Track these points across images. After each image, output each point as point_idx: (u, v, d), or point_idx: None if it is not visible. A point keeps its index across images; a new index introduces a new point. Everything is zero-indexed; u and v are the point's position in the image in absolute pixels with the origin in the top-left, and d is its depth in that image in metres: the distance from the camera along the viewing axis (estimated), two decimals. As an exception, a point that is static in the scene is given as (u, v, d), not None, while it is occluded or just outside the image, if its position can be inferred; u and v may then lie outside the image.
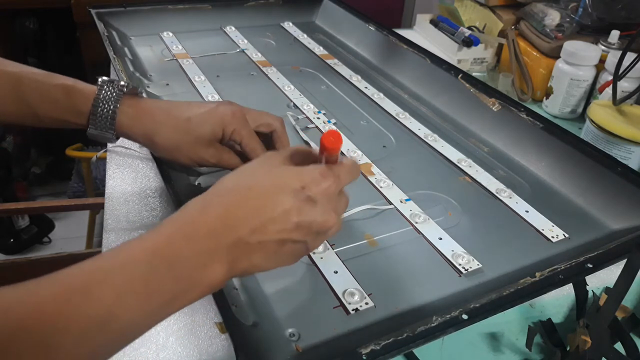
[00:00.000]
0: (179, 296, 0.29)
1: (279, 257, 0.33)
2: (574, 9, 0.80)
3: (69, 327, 0.24)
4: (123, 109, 0.44)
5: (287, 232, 0.32)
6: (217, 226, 0.30)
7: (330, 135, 0.34)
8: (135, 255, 0.28)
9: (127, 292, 0.26)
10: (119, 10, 0.80)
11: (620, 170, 0.50)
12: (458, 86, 0.66)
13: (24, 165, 1.71)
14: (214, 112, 0.45)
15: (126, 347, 0.36)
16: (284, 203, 0.32)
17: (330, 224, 0.33)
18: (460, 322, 0.34)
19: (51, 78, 0.44)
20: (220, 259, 0.30)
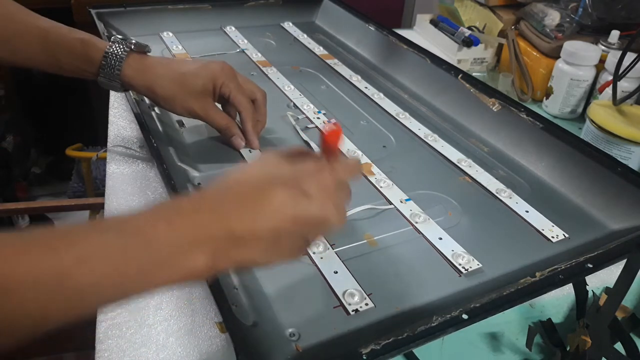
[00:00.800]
0: (154, 275, 0.28)
1: (277, 251, 0.32)
2: (574, 9, 0.80)
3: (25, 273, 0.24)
4: (129, 62, 0.50)
5: (281, 225, 0.31)
6: (203, 215, 0.30)
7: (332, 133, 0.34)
8: (110, 225, 0.28)
9: (92, 257, 0.26)
10: (119, 10, 0.80)
11: (620, 170, 0.50)
12: (458, 86, 0.66)
13: (24, 165, 1.71)
14: (205, 67, 0.51)
15: (126, 347, 0.37)
16: (276, 195, 0.31)
17: (328, 216, 0.32)
18: (460, 322, 0.34)
19: (73, 32, 0.50)
20: (203, 248, 0.29)
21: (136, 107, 0.57)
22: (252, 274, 0.40)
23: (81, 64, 0.50)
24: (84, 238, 0.26)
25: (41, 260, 0.24)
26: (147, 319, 0.39)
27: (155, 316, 0.39)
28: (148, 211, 0.29)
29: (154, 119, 0.59)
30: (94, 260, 0.26)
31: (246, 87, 0.53)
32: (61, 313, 0.26)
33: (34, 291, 0.24)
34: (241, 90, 0.52)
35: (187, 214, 0.29)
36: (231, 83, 0.51)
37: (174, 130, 0.59)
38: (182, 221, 0.29)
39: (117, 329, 0.38)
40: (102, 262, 0.26)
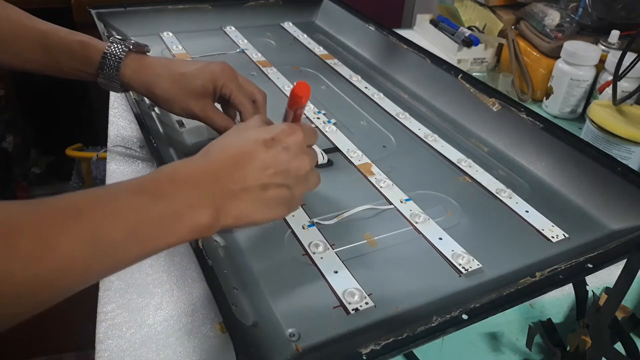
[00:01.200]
0: (167, 230, 0.31)
1: (267, 204, 0.36)
2: (574, 9, 0.80)
3: (62, 233, 0.27)
4: (127, 62, 0.50)
5: (266, 177, 0.36)
6: (200, 176, 0.34)
7: (301, 85, 0.39)
8: (124, 187, 0.31)
9: (115, 215, 0.29)
10: (119, 10, 0.80)
11: (620, 170, 0.50)
12: (458, 86, 0.66)
13: (24, 165, 1.71)
14: (205, 68, 0.51)
15: (126, 347, 0.37)
16: (258, 153, 0.36)
17: (305, 165, 0.38)
18: (460, 322, 0.34)
19: (72, 35, 0.50)
20: (206, 203, 0.33)
21: (136, 107, 0.57)
22: (252, 274, 0.40)
23: (81, 66, 0.50)
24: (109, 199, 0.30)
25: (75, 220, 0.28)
26: (147, 319, 0.39)
27: (155, 316, 0.39)
28: (152, 174, 0.33)
29: (154, 119, 0.59)
30: (120, 218, 0.29)
31: (247, 87, 0.53)
32: (101, 265, 0.29)
33: (76, 244, 0.27)
34: (242, 91, 0.52)
35: (186, 176, 0.34)
36: (232, 84, 0.51)
37: (174, 130, 0.59)
38: (183, 181, 0.33)
39: (117, 329, 0.38)
40: (127, 219, 0.30)
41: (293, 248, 0.43)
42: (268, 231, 0.45)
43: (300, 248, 0.43)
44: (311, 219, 0.46)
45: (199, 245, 0.38)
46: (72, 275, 0.28)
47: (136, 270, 0.43)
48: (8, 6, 0.50)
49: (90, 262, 0.28)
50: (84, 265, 0.28)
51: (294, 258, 0.42)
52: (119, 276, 0.42)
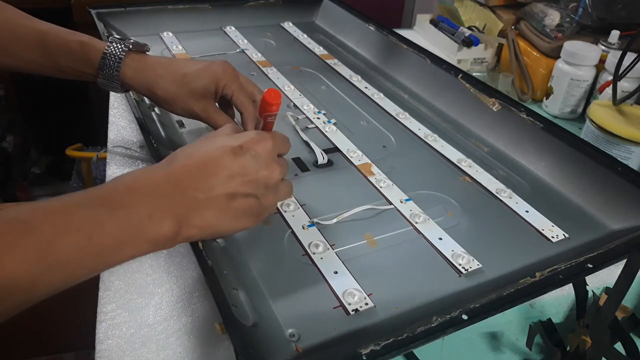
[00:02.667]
0: (124, 243, 0.30)
1: (234, 215, 0.35)
2: (574, 9, 0.80)
3: (7, 251, 0.26)
4: (127, 62, 0.49)
5: (234, 186, 0.34)
6: (161, 184, 0.33)
7: (272, 92, 0.39)
8: (78, 200, 0.30)
9: (66, 230, 0.28)
10: (119, 10, 0.80)
11: (620, 170, 0.50)
12: (458, 86, 0.66)
13: (24, 165, 1.71)
14: (207, 68, 0.50)
15: (126, 347, 0.37)
16: (226, 161, 0.35)
17: (275, 175, 0.37)
18: (460, 322, 0.34)
19: (71, 35, 0.50)
20: (166, 213, 0.32)
21: (136, 107, 0.57)
22: (252, 274, 0.40)
23: (80, 66, 0.50)
24: (60, 212, 0.29)
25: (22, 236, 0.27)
26: (147, 319, 0.39)
27: (155, 316, 0.39)
28: (110, 184, 0.32)
29: (154, 120, 0.59)
30: (72, 232, 0.28)
31: (248, 88, 0.52)
32: (47, 281, 0.28)
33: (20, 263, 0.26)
34: (243, 91, 0.51)
35: (146, 185, 0.32)
36: (233, 84, 0.51)
37: (174, 131, 0.59)
38: (142, 191, 0.32)
39: (117, 329, 0.38)
40: (80, 233, 0.28)
41: (293, 248, 0.43)
42: (268, 231, 0.45)
43: (300, 248, 0.43)
44: (311, 219, 0.46)
45: (199, 245, 0.38)
46: (17, 294, 0.27)
47: (136, 270, 0.43)
48: (7, 7, 0.49)
49: (37, 280, 0.27)
50: (30, 283, 0.27)
51: (294, 258, 0.42)
52: (119, 276, 0.42)
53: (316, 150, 0.56)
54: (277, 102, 0.39)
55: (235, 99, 0.51)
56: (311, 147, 0.57)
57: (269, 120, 0.41)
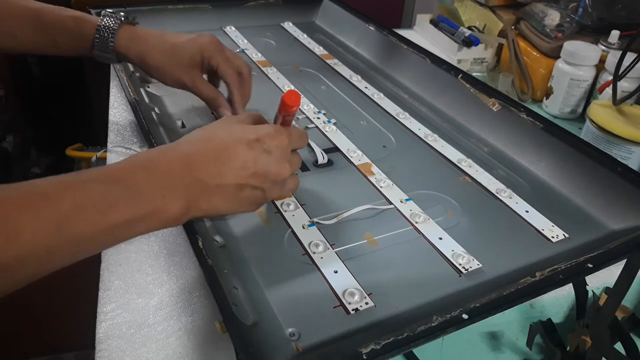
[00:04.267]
0: (136, 220, 0.31)
1: (238, 202, 0.37)
2: (574, 9, 0.80)
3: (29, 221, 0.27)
4: (121, 33, 0.52)
5: (244, 178, 0.36)
6: (175, 166, 0.34)
7: (292, 94, 0.39)
8: (96, 176, 0.31)
9: (84, 205, 0.29)
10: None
11: (620, 170, 0.50)
12: (458, 86, 0.66)
13: (24, 165, 1.71)
14: (194, 40, 0.53)
15: (126, 347, 0.37)
16: (240, 152, 0.36)
17: (285, 173, 0.38)
18: (460, 322, 0.34)
19: (65, 11, 0.52)
20: (178, 195, 0.33)
21: (136, 107, 0.57)
22: (252, 274, 0.40)
23: (76, 41, 0.52)
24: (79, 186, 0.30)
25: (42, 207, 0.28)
26: (147, 319, 0.39)
27: (155, 316, 0.39)
28: (126, 162, 0.33)
29: (154, 120, 0.59)
30: (88, 208, 0.29)
31: (233, 60, 0.55)
32: (63, 254, 0.29)
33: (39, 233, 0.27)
34: (228, 63, 0.54)
35: (161, 165, 0.33)
36: (219, 56, 0.53)
37: (174, 131, 0.59)
38: (157, 171, 0.33)
39: (117, 329, 0.38)
40: (95, 209, 0.29)
41: (293, 248, 0.43)
42: (268, 231, 0.45)
43: (300, 248, 0.43)
44: (311, 218, 0.46)
45: (199, 245, 0.38)
46: (32, 264, 0.28)
47: (136, 270, 0.43)
48: None
49: (53, 251, 0.28)
50: (46, 254, 0.28)
51: (294, 258, 0.42)
52: (119, 276, 0.42)
53: (316, 150, 0.56)
54: (297, 104, 0.40)
55: (221, 70, 0.53)
56: (311, 147, 0.57)
57: (287, 118, 0.42)
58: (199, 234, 0.40)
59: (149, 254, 0.45)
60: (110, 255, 0.44)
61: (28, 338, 1.10)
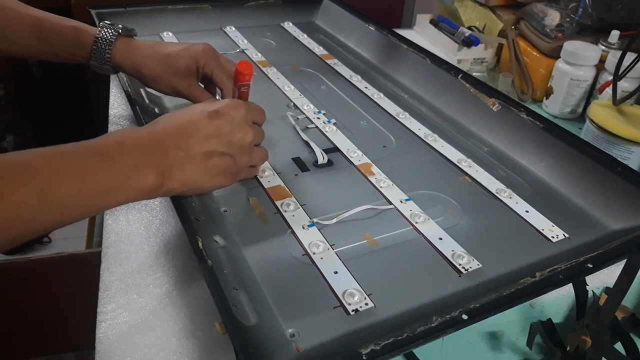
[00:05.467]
0: (113, 189, 0.34)
1: (210, 171, 0.39)
2: (574, 9, 0.80)
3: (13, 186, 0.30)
4: (117, 45, 0.54)
5: (210, 145, 0.39)
6: (145, 141, 0.36)
7: (244, 64, 0.43)
8: (73, 148, 0.34)
9: (63, 172, 0.32)
10: (119, 10, 0.80)
11: (620, 170, 0.50)
12: (458, 86, 0.66)
13: (24, 165, 1.71)
14: (189, 49, 0.55)
15: (126, 347, 0.37)
16: (202, 123, 0.39)
17: (248, 137, 0.41)
18: (460, 322, 0.34)
19: (64, 21, 0.54)
20: (149, 166, 0.36)
21: (136, 108, 0.57)
22: (252, 274, 0.40)
23: (74, 50, 0.54)
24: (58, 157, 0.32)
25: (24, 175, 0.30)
26: (147, 319, 0.39)
27: (155, 316, 0.39)
28: (100, 138, 0.36)
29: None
30: (67, 175, 0.32)
31: (227, 67, 0.56)
32: (50, 217, 0.31)
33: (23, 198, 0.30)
34: (223, 70, 0.55)
35: (132, 140, 0.36)
36: (213, 63, 0.54)
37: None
38: (128, 145, 0.35)
39: (117, 329, 0.38)
40: (75, 176, 0.32)
41: (293, 248, 0.43)
42: (268, 231, 0.45)
43: (300, 248, 0.43)
44: (311, 218, 0.46)
45: (199, 245, 0.38)
46: (21, 224, 0.30)
47: (136, 271, 0.43)
48: None
49: (39, 214, 0.31)
50: (32, 215, 0.30)
51: (294, 258, 0.42)
52: (119, 276, 0.42)
53: (316, 150, 0.56)
54: (249, 72, 0.43)
55: (215, 77, 0.54)
56: (311, 147, 0.57)
57: (243, 90, 0.45)
58: (199, 234, 0.40)
59: (149, 254, 0.45)
60: (110, 255, 0.44)
61: (28, 338, 1.10)
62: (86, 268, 0.98)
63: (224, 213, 0.47)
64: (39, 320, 1.07)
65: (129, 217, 0.49)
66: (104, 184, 0.33)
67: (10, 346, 1.12)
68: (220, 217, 0.46)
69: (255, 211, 0.47)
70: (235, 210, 0.47)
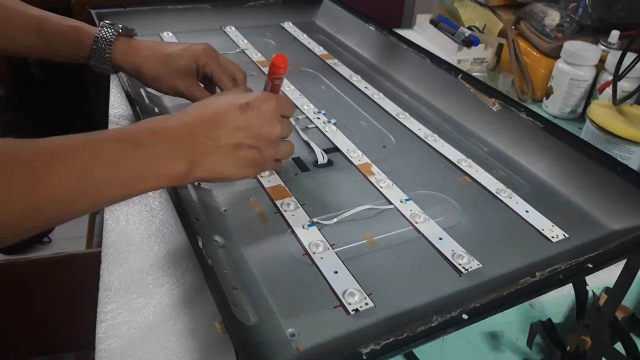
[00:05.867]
0: (146, 175, 0.35)
1: (237, 161, 0.40)
2: (574, 9, 0.80)
3: (53, 167, 0.31)
4: (117, 45, 0.54)
5: (239, 138, 0.39)
6: (178, 130, 0.37)
7: (280, 57, 0.43)
8: (109, 135, 0.35)
9: (100, 157, 0.33)
10: (119, 10, 0.81)
11: (620, 170, 0.50)
12: (458, 86, 0.66)
13: (24, 165, 1.71)
14: (189, 49, 0.55)
15: (126, 347, 0.37)
16: (234, 115, 0.39)
17: (276, 131, 0.41)
18: (461, 322, 0.34)
19: (65, 20, 0.54)
20: (181, 154, 0.36)
21: (136, 108, 0.57)
22: (252, 274, 0.40)
23: (74, 50, 0.54)
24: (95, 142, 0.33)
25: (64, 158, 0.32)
26: (148, 319, 0.39)
27: (155, 316, 0.39)
28: (134, 126, 0.37)
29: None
30: (104, 160, 0.33)
31: (227, 67, 0.56)
32: (85, 200, 0.32)
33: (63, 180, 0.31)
34: (223, 69, 0.55)
35: (165, 129, 0.37)
36: (213, 63, 0.54)
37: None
38: (161, 133, 0.36)
39: (117, 329, 0.38)
40: (110, 161, 0.33)
41: (293, 248, 0.43)
42: (268, 231, 0.45)
43: (300, 248, 0.43)
44: (311, 218, 0.46)
45: (199, 244, 0.38)
46: (59, 205, 0.31)
47: (136, 271, 0.43)
48: None
49: (76, 196, 0.32)
50: (70, 197, 0.31)
51: (294, 258, 0.42)
52: (119, 276, 0.42)
53: (316, 150, 0.56)
54: (284, 65, 0.43)
55: (215, 76, 0.55)
56: (311, 147, 0.57)
57: (276, 82, 0.46)
58: (199, 234, 0.40)
59: (149, 254, 0.45)
60: (110, 255, 0.44)
61: (28, 338, 1.10)
62: (86, 268, 0.98)
63: (224, 213, 0.47)
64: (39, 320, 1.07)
65: (129, 217, 0.49)
66: (137, 171, 0.34)
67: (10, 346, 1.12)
68: (220, 217, 0.46)
69: (255, 211, 0.47)
70: (235, 210, 0.47)
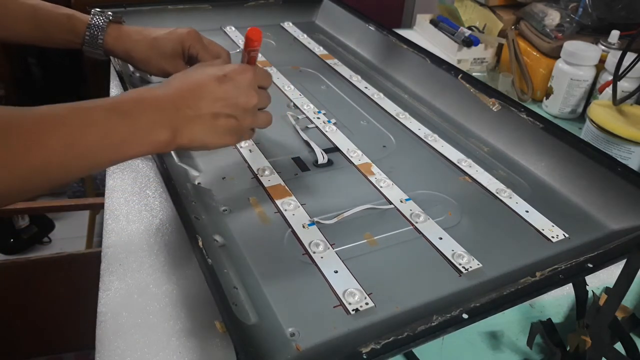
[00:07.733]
0: (132, 143, 0.37)
1: (216, 130, 0.42)
2: (574, 9, 0.80)
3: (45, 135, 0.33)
4: (108, 31, 0.58)
5: (218, 107, 0.41)
6: (161, 100, 0.39)
7: (254, 30, 0.46)
8: (98, 104, 0.37)
9: (89, 125, 0.35)
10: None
11: (620, 170, 0.50)
12: (458, 86, 0.66)
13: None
14: (174, 32, 0.59)
15: (126, 347, 0.37)
16: (212, 86, 0.42)
17: (252, 100, 0.43)
18: (461, 322, 0.34)
19: (59, 9, 0.58)
20: (165, 123, 0.39)
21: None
22: (252, 274, 0.40)
23: (68, 36, 0.58)
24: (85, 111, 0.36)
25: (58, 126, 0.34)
26: (148, 319, 0.39)
27: (155, 316, 0.39)
28: (120, 96, 0.39)
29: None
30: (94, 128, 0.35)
31: (211, 48, 0.60)
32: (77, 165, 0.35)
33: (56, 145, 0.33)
34: (207, 50, 0.59)
35: (149, 99, 0.39)
36: (198, 44, 0.59)
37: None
38: (146, 103, 0.39)
39: (117, 329, 0.38)
40: (100, 129, 0.35)
41: (293, 247, 0.43)
42: (268, 230, 0.45)
43: (300, 247, 0.43)
44: (311, 218, 0.46)
45: (199, 244, 0.38)
46: (54, 170, 0.33)
47: (136, 270, 0.43)
48: None
49: (69, 161, 0.34)
50: (64, 162, 0.34)
51: (294, 257, 0.42)
52: (119, 276, 0.42)
53: (316, 150, 0.56)
54: (258, 38, 0.46)
55: (201, 58, 0.59)
56: (311, 147, 0.57)
57: (252, 54, 0.48)
58: (199, 233, 0.40)
59: (149, 254, 0.45)
60: (110, 255, 0.44)
61: (28, 338, 1.10)
62: (86, 268, 0.98)
63: (223, 212, 0.47)
64: (39, 320, 1.07)
65: (129, 217, 0.49)
66: (123, 138, 0.36)
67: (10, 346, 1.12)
68: (220, 217, 0.46)
69: (255, 210, 0.47)
70: (235, 210, 0.47)
